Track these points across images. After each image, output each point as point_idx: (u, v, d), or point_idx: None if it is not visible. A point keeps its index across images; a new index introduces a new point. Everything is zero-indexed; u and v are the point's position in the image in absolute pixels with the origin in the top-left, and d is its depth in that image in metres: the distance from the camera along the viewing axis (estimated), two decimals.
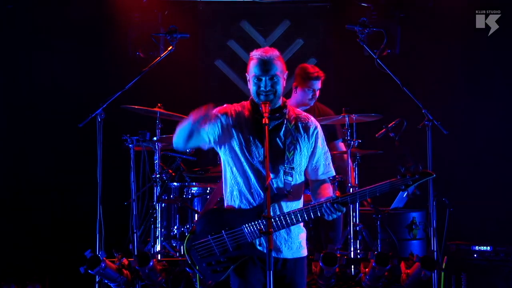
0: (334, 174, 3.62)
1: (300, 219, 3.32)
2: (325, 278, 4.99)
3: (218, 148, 3.51)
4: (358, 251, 5.28)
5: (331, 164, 3.59)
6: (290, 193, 3.38)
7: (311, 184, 3.59)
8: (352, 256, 5.25)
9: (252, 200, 3.40)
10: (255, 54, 3.45)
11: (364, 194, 3.27)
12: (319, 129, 3.56)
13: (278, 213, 3.36)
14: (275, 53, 3.44)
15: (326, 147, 3.59)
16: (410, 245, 5.68)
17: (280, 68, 3.43)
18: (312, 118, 3.58)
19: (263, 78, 3.40)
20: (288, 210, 3.38)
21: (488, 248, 5.56)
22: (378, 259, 4.87)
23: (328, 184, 3.59)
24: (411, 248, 5.62)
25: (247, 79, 3.52)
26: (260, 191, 3.38)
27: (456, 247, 5.66)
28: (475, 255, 5.58)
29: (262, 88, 3.40)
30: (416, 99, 5.11)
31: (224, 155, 3.50)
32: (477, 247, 5.59)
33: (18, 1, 6.86)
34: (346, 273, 5.21)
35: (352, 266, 5.22)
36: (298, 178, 3.46)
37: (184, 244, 3.46)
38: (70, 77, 7.00)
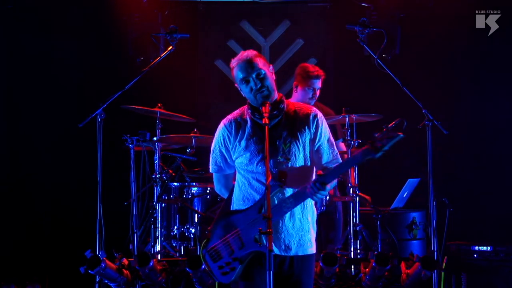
0: (341, 161, 3.57)
1: (290, 206, 3.32)
2: (325, 278, 4.99)
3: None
4: (358, 251, 5.29)
5: (336, 153, 3.53)
6: (284, 183, 3.36)
7: None
8: (352, 256, 5.25)
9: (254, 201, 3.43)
10: (233, 62, 3.49)
11: (340, 166, 3.28)
12: (320, 116, 3.51)
13: (273, 204, 3.36)
14: (251, 52, 3.47)
15: (330, 135, 3.54)
16: (410, 245, 5.68)
17: (261, 62, 3.44)
18: (314, 108, 3.55)
19: (250, 78, 3.42)
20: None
21: (488, 248, 5.55)
22: (378, 259, 4.87)
23: None
24: (411, 248, 5.62)
25: (239, 90, 3.53)
26: (261, 188, 3.39)
27: (456, 247, 5.66)
28: (475, 255, 5.57)
29: (254, 88, 3.41)
30: (416, 99, 5.11)
31: (235, 161, 3.54)
32: (477, 247, 5.59)
33: (18, 1, 6.86)
34: (346, 273, 5.21)
35: (352, 266, 5.22)
36: (296, 166, 3.44)
37: (200, 251, 3.54)
38: (70, 77, 7.00)
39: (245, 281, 3.42)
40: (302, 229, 3.45)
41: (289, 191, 3.39)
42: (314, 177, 3.47)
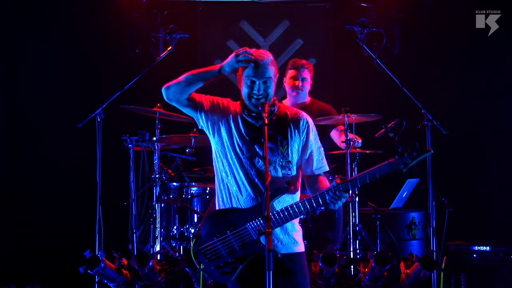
0: (328, 169, 3.61)
1: (303, 210, 3.30)
2: (325, 278, 4.99)
3: (209, 131, 3.55)
4: (358, 251, 5.29)
5: (324, 160, 3.59)
6: (290, 186, 3.38)
7: (306, 181, 3.58)
8: (351, 256, 5.25)
9: (244, 198, 3.42)
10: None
11: (364, 177, 3.22)
12: (311, 123, 3.56)
13: (279, 208, 3.35)
14: (270, 57, 3.47)
15: (319, 143, 3.59)
16: (409, 245, 5.69)
17: (273, 72, 3.47)
18: (303, 113, 3.58)
19: (257, 81, 3.43)
20: (288, 203, 3.37)
21: (488, 248, 5.55)
22: (378, 259, 4.87)
23: (325, 177, 3.57)
24: (410, 248, 5.62)
25: (238, 77, 3.55)
26: (250, 189, 3.40)
27: (456, 247, 5.65)
28: (474, 255, 5.57)
29: (255, 91, 3.43)
30: (415, 99, 5.11)
31: (215, 144, 3.53)
32: (476, 247, 5.59)
33: (18, 1, 6.87)
34: (346, 273, 5.21)
35: (352, 266, 5.23)
36: (294, 171, 3.48)
37: (191, 249, 3.48)
38: (70, 77, 7.01)
39: (241, 282, 3.40)
40: (286, 228, 3.44)
41: (286, 197, 3.41)
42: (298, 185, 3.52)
